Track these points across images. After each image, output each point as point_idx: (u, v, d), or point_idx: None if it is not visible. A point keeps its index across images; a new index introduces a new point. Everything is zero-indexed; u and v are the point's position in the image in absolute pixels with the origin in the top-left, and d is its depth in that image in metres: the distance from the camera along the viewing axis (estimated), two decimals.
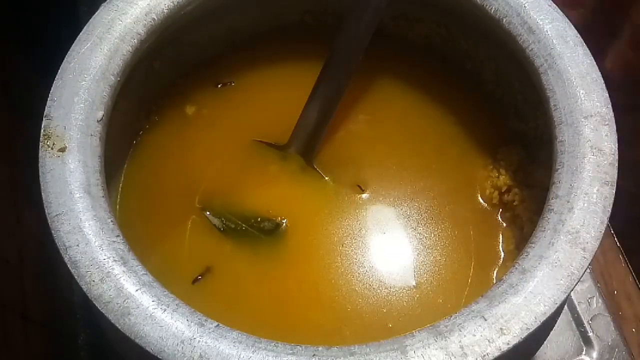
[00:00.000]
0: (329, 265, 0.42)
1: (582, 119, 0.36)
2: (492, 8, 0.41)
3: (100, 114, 0.37)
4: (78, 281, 0.32)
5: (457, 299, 0.41)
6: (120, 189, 0.45)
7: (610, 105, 0.37)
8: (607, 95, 0.37)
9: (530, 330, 0.31)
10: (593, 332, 0.51)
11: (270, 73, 0.49)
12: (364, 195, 0.45)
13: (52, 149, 0.35)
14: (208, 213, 0.44)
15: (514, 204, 0.44)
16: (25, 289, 0.55)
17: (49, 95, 0.37)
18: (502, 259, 0.43)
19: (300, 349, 0.31)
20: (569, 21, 0.40)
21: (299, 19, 0.50)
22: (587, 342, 0.51)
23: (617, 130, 0.36)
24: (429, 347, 0.31)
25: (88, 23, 0.39)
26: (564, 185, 0.35)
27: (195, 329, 0.31)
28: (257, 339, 0.31)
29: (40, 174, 0.35)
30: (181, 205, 0.44)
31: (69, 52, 0.38)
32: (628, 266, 0.56)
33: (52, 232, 0.33)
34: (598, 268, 0.56)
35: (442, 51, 0.50)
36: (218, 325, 0.31)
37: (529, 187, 0.43)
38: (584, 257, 0.33)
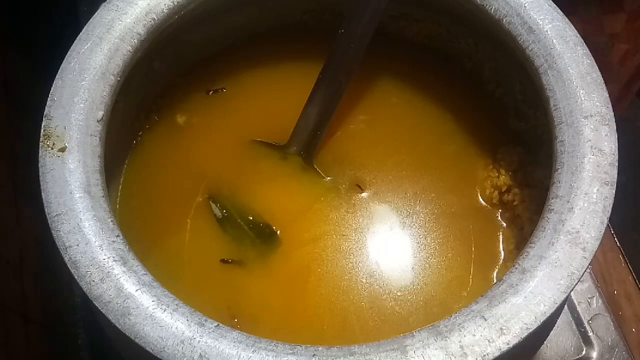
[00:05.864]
0: (326, 265, 0.42)
1: (582, 119, 0.36)
2: (492, 8, 0.41)
3: (100, 114, 0.37)
4: (78, 281, 0.32)
5: (457, 298, 0.41)
6: (120, 189, 0.45)
7: (610, 105, 0.37)
8: (607, 95, 0.37)
9: (530, 330, 0.31)
10: (593, 332, 0.51)
11: (270, 73, 0.49)
12: (364, 195, 0.45)
13: (52, 148, 0.35)
14: (212, 200, 0.44)
15: (514, 204, 0.44)
16: (25, 289, 0.55)
17: (49, 95, 0.37)
18: (502, 259, 0.43)
19: (300, 349, 0.31)
20: (569, 21, 0.40)
21: (299, 19, 0.50)
22: (587, 342, 0.51)
23: None
24: (429, 347, 0.31)
25: (88, 23, 0.39)
26: (564, 185, 0.35)
27: (195, 329, 0.31)
28: (257, 339, 0.31)
29: (40, 174, 0.35)
30: (181, 205, 0.44)
31: (69, 52, 0.38)
32: (628, 266, 0.56)
33: (52, 232, 0.34)
34: (598, 268, 0.56)
35: (442, 51, 0.50)
36: (218, 325, 0.31)
37: (529, 187, 0.43)
38: (584, 257, 0.33)
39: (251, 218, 0.43)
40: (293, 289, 0.42)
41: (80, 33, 0.39)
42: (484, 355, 0.31)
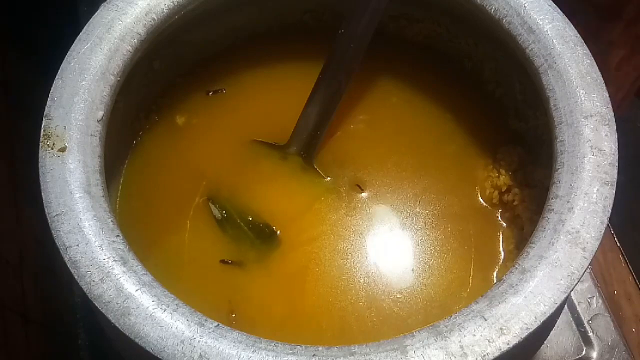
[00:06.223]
0: (327, 266, 0.42)
1: (582, 119, 0.36)
2: (492, 8, 0.41)
3: (100, 113, 0.37)
4: (78, 281, 0.32)
5: (457, 298, 0.41)
6: (120, 189, 0.45)
7: (610, 105, 0.37)
8: (607, 95, 0.37)
9: (530, 330, 0.31)
10: (593, 332, 0.51)
11: (270, 73, 0.49)
12: (364, 195, 0.45)
13: (52, 148, 0.35)
14: (211, 202, 0.44)
15: (514, 204, 0.43)
16: (25, 289, 0.55)
17: (49, 95, 0.37)
18: (502, 259, 0.43)
19: (301, 349, 0.31)
20: (569, 21, 0.40)
21: (299, 19, 0.50)
22: (587, 342, 0.51)
23: None
24: (429, 347, 0.31)
25: (88, 23, 0.39)
26: (564, 185, 0.35)
27: (195, 329, 0.31)
28: (257, 339, 0.31)
29: (40, 174, 0.35)
30: (181, 204, 0.44)
31: (69, 52, 0.38)
32: (628, 266, 0.56)
33: (52, 232, 0.34)
34: (598, 268, 0.56)
35: (442, 51, 0.50)
36: (218, 325, 0.31)
37: (529, 187, 0.43)
38: (584, 257, 0.33)
39: (250, 218, 0.43)
40: (293, 289, 0.42)
41: (80, 33, 0.39)
42: (484, 355, 0.31)
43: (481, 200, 0.45)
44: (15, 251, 0.56)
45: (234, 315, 0.40)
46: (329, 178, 0.45)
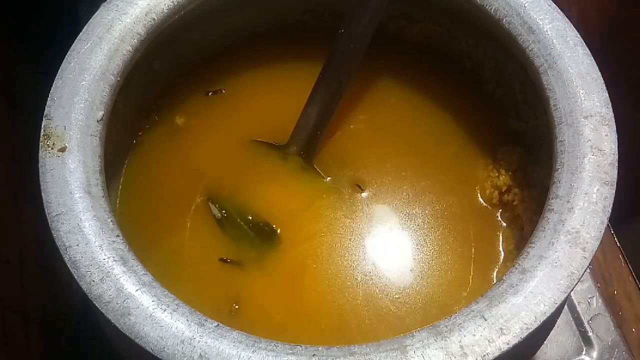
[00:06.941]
0: (324, 263, 0.42)
1: (582, 119, 0.37)
2: (492, 8, 0.41)
3: (100, 113, 0.37)
4: (78, 281, 0.32)
5: (457, 299, 0.41)
6: (120, 189, 0.45)
7: (610, 105, 0.37)
8: (607, 95, 0.37)
9: (530, 330, 0.31)
10: (593, 332, 0.51)
11: (270, 73, 0.49)
12: (364, 195, 0.45)
13: (52, 148, 0.35)
14: (210, 201, 0.44)
15: (514, 204, 0.44)
16: (25, 289, 0.55)
17: (49, 95, 0.37)
18: (502, 259, 0.43)
19: (300, 349, 0.31)
20: (569, 21, 0.40)
21: (299, 19, 0.50)
22: (587, 342, 0.51)
23: None
24: (429, 347, 0.31)
25: (88, 23, 0.39)
26: (564, 185, 0.35)
27: (195, 329, 0.31)
28: (257, 339, 0.31)
29: (40, 174, 0.35)
30: (181, 204, 0.44)
31: (69, 52, 0.38)
32: (628, 266, 0.56)
33: (52, 232, 0.34)
34: (598, 268, 0.56)
35: (442, 51, 0.50)
36: (218, 325, 0.31)
37: (529, 187, 0.43)
38: (584, 257, 0.33)
39: (250, 217, 0.43)
40: (292, 288, 0.42)
41: (80, 33, 0.39)
42: (484, 355, 0.31)
43: (481, 200, 0.45)
44: (15, 251, 0.56)
45: (236, 306, 0.40)
46: (329, 178, 0.45)
